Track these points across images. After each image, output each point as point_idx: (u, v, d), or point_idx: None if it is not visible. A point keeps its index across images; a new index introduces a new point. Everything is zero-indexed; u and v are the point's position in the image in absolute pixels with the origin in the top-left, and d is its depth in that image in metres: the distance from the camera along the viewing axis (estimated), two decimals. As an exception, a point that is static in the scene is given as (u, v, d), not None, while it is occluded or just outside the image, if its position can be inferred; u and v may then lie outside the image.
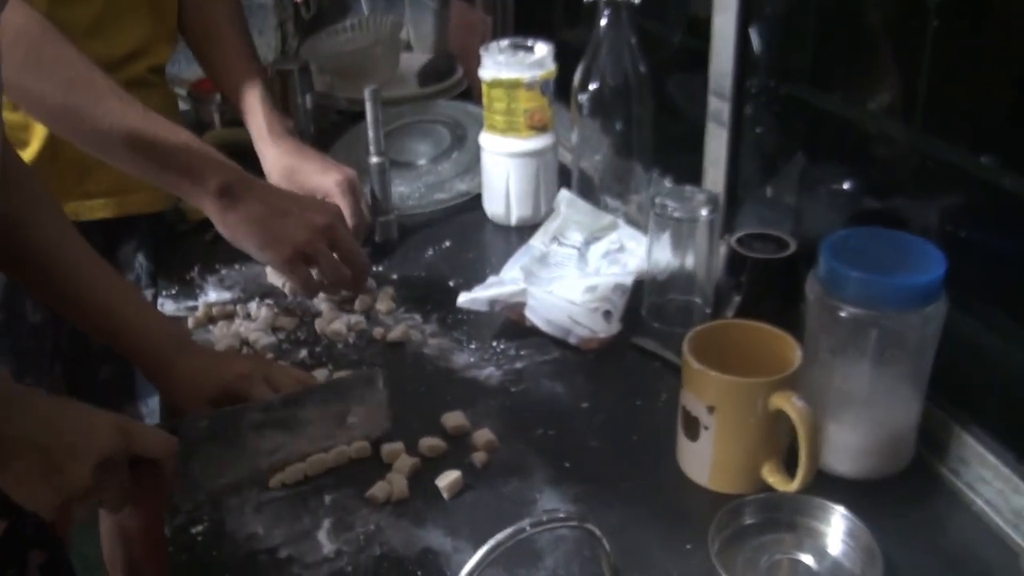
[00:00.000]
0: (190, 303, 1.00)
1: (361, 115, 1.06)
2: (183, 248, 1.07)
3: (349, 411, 0.72)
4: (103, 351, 1.06)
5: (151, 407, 1.11)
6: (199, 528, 0.70)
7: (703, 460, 0.72)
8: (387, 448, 0.76)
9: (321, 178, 0.99)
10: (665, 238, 0.89)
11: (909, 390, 0.71)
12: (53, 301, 0.76)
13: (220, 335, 0.93)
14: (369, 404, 0.72)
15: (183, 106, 1.41)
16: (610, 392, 0.83)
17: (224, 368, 0.75)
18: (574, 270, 0.98)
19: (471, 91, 1.40)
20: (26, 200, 0.72)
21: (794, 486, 0.68)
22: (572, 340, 0.88)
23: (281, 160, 1.00)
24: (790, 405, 0.67)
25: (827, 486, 0.70)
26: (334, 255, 0.90)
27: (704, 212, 0.88)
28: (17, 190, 0.71)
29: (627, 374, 0.86)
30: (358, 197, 1.02)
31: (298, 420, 0.70)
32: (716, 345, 0.72)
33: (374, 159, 1.07)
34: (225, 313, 0.97)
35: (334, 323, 0.95)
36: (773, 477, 0.70)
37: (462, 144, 1.24)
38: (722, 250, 0.90)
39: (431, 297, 0.99)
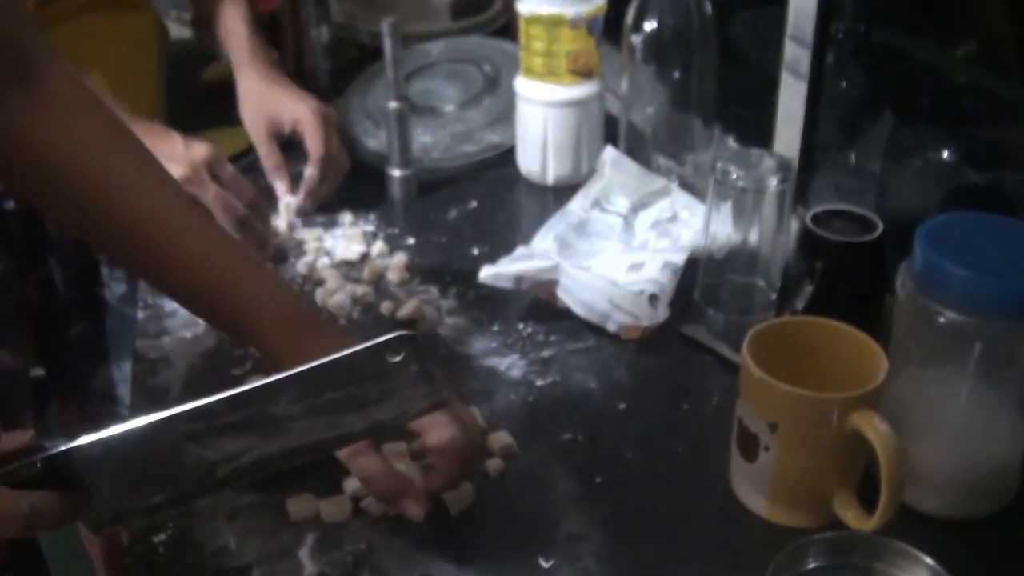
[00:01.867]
0: None
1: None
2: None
3: (358, 392, 0.57)
4: (74, 305, 1.02)
5: (125, 372, 1.08)
6: (162, 536, 0.67)
7: (761, 486, 0.67)
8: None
9: (294, 105, 1.01)
10: (726, 209, 0.85)
11: (1015, 417, 0.64)
12: (145, 273, 0.66)
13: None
14: (393, 379, 0.56)
15: (185, 34, 1.35)
16: (652, 392, 0.80)
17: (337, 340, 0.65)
18: (617, 243, 0.94)
19: (510, 27, 1.35)
20: (97, 136, 0.61)
21: (871, 524, 0.62)
22: (611, 327, 0.84)
23: (256, 86, 1.02)
24: (872, 427, 0.61)
25: (910, 526, 0.64)
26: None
27: (773, 180, 0.83)
28: (82, 120, 0.60)
29: (673, 371, 0.82)
30: (332, 129, 1.02)
31: (274, 417, 0.56)
32: (782, 346, 0.67)
33: (392, 104, 1.03)
34: None
35: (337, 294, 0.91)
36: (846, 512, 0.65)
37: (495, 89, 1.19)
38: (793, 227, 0.85)
39: (450, 268, 0.96)
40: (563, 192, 1.05)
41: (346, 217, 1.03)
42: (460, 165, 1.12)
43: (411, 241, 1.00)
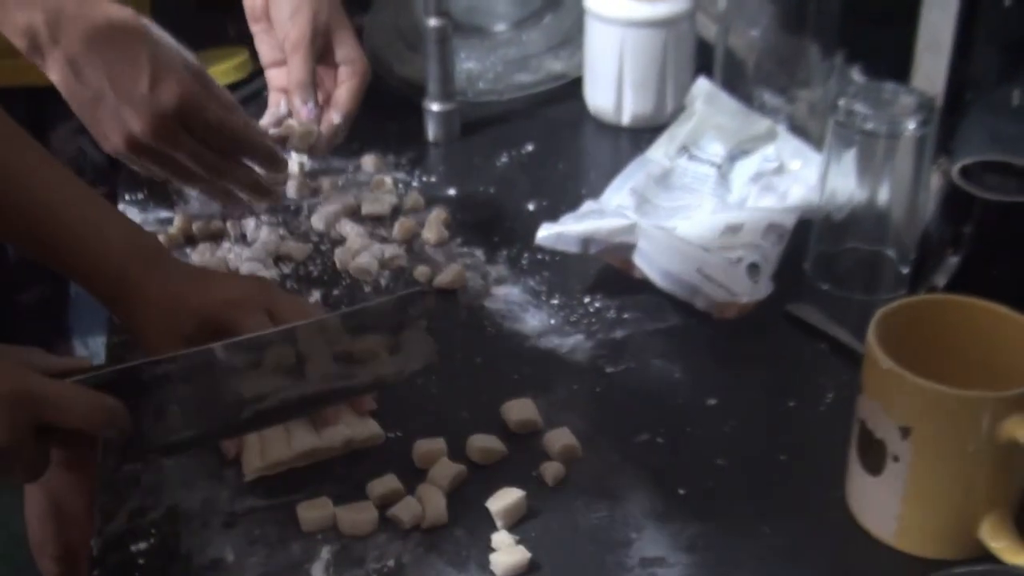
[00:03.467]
0: (162, 214, 0.98)
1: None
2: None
3: (373, 345, 0.71)
4: (27, 267, 1.03)
5: (92, 348, 1.11)
6: (142, 545, 0.68)
7: (888, 505, 0.66)
8: (421, 447, 0.73)
9: (350, 36, 0.95)
10: (848, 158, 0.84)
11: None
12: None
13: (200, 263, 0.92)
14: (405, 334, 0.72)
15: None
16: (750, 385, 0.80)
17: (209, 291, 0.73)
18: (709, 198, 0.94)
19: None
20: None
21: (1028, 558, 0.61)
22: (700, 304, 0.84)
23: None
24: (1033, 436, 0.60)
25: (1079, 561, 0.64)
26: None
27: (911, 123, 0.83)
28: None
29: (777, 360, 0.82)
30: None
31: (299, 359, 0.69)
32: (919, 331, 0.67)
33: (432, 21, 1.03)
34: (210, 232, 0.96)
35: (361, 256, 0.91)
36: (996, 541, 0.64)
37: (558, 5, 1.18)
38: (935, 182, 0.84)
39: (500, 226, 0.96)
40: (642, 135, 1.05)
41: (371, 161, 1.04)
42: (513, 99, 1.12)
43: (452, 192, 1.00)
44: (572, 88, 1.12)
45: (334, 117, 0.93)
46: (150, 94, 0.79)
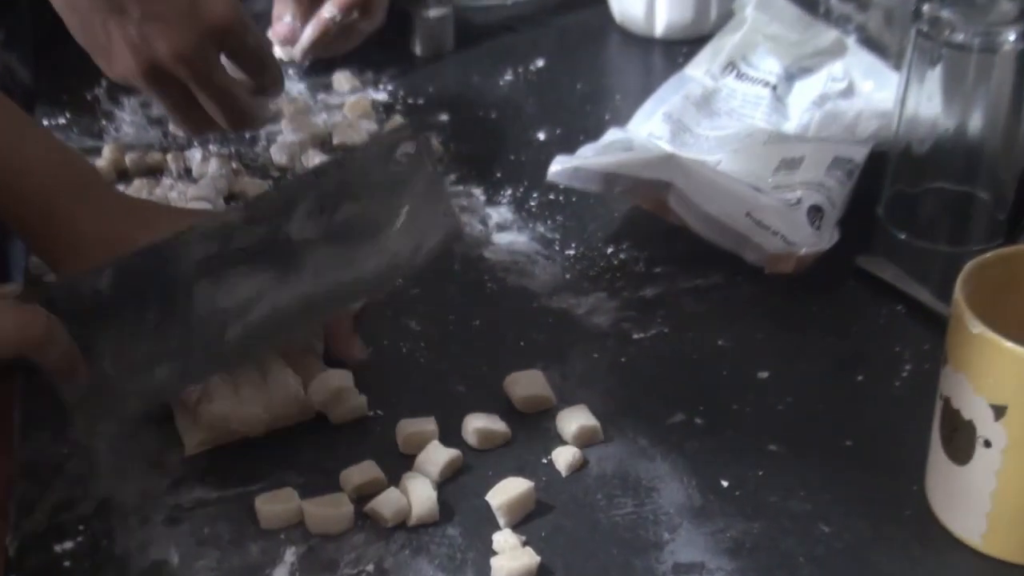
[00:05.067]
0: (87, 142, 0.99)
1: None
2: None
3: (375, 210, 0.73)
4: None
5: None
6: (67, 544, 0.68)
7: (977, 501, 0.66)
8: (407, 428, 0.73)
9: None
10: (933, 78, 0.85)
11: None
12: None
13: None
14: (411, 193, 0.73)
15: None
16: (810, 355, 0.80)
17: (155, 229, 0.72)
18: (762, 126, 0.94)
19: None
20: None
21: None
22: (749, 256, 0.84)
23: None
24: None
25: None
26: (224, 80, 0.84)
27: (1011, 35, 0.82)
28: None
29: (843, 323, 0.83)
30: None
31: (289, 242, 0.70)
32: (1017, 289, 0.68)
33: None
34: (148, 165, 0.96)
35: None
36: None
37: None
38: None
39: (504, 160, 0.96)
40: (679, 49, 1.05)
41: (345, 79, 1.03)
42: (520, 2, 1.13)
43: (444, 118, 1.00)
44: (592, -8, 1.12)
45: (327, 10, 0.96)
46: (191, 7, 0.79)
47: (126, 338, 0.66)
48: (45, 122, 1.00)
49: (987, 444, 0.64)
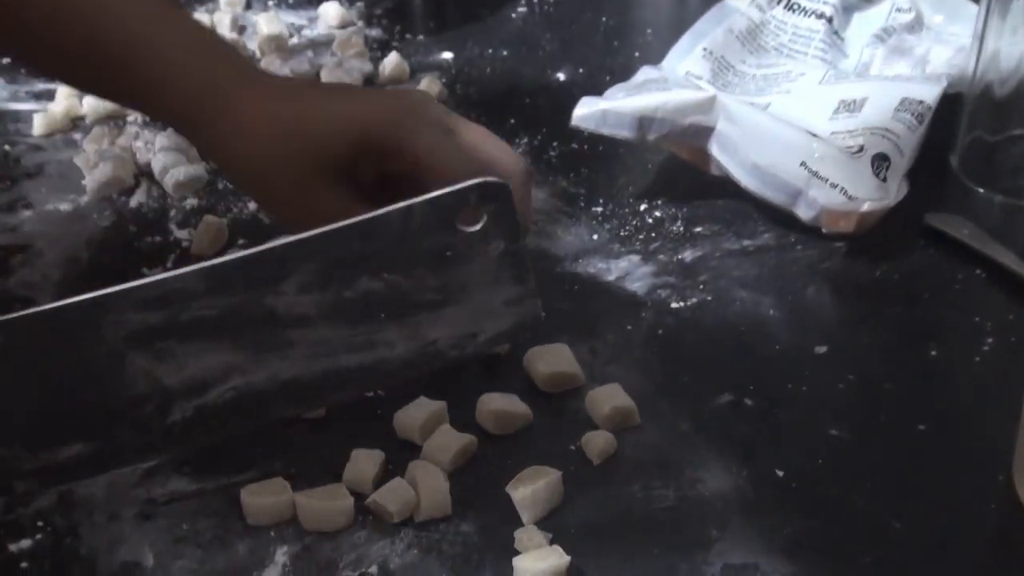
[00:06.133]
0: (39, 85, 1.00)
1: None
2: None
3: (408, 289, 0.66)
4: None
5: None
6: (25, 543, 0.68)
7: None
8: (414, 411, 0.73)
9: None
10: (1018, 9, 0.85)
11: None
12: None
13: (93, 156, 0.93)
14: (471, 271, 0.66)
15: None
16: (876, 326, 0.80)
17: (326, 108, 0.74)
18: (817, 64, 0.94)
19: None
20: None
21: None
22: (803, 213, 0.85)
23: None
24: None
25: None
26: None
27: None
28: None
29: (913, 291, 0.83)
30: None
31: (272, 317, 0.64)
32: None
33: None
34: (109, 110, 0.97)
35: None
36: None
37: None
38: None
39: (518, 104, 0.97)
40: (717, -25, 1.05)
41: (334, 12, 1.03)
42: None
43: (447, 56, 1.01)
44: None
45: None
46: None
47: (19, 408, 0.62)
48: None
49: (1086, 427, 0.65)
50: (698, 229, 0.86)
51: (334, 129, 0.73)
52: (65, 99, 0.96)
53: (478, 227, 0.64)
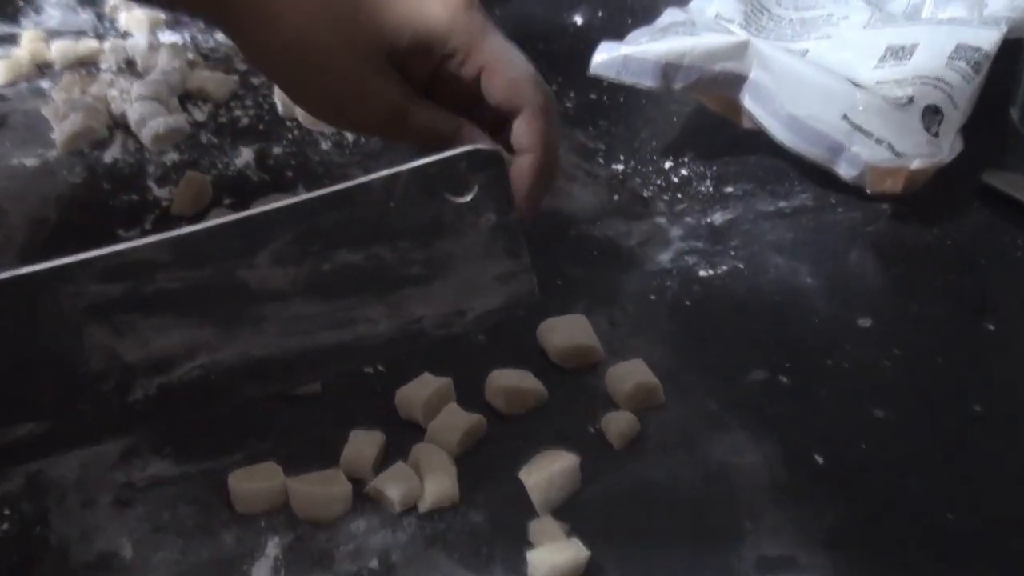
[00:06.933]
0: (1, 29, 1.01)
1: None
2: None
3: (390, 262, 0.65)
4: None
5: None
6: None
7: None
8: (416, 389, 0.73)
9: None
10: None
11: None
12: None
13: (62, 106, 0.93)
14: (459, 243, 0.66)
15: None
16: (925, 296, 0.81)
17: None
18: (859, 5, 0.94)
19: None
20: None
21: None
22: (844, 171, 0.85)
23: None
24: None
25: None
26: None
27: None
28: None
29: (968, 257, 0.83)
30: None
31: (244, 290, 0.64)
32: None
33: None
34: (80, 55, 0.97)
35: None
36: None
37: None
38: None
39: (531, 48, 0.93)
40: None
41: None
42: None
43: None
44: None
45: None
46: None
47: None
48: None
49: None
50: (729, 189, 0.86)
51: (396, 18, 0.73)
52: (30, 43, 0.96)
53: (468, 198, 0.64)
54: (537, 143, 0.74)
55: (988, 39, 0.88)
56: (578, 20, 0.99)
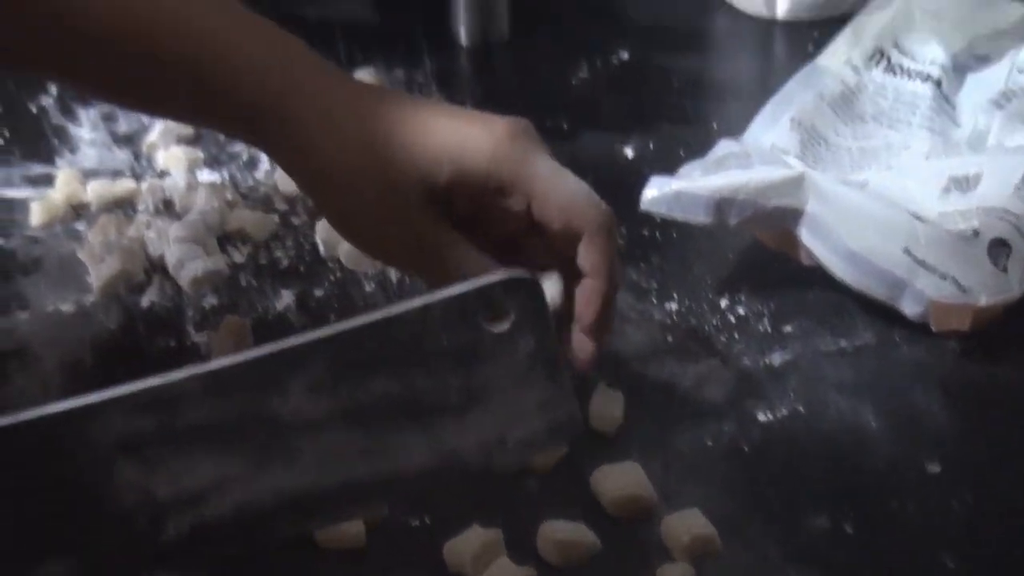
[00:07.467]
0: (37, 168, 1.00)
1: None
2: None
3: (427, 389, 0.66)
4: None
5: None
6: None
7: None
8: (463, 543, 0.73)
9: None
10: None
11: None
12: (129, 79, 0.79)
13: (97, 245, 0.93)
14: (498, 370, 0.67)
15: None
16: (996, 439, 0.80)
17: (457, 131, 0.75)
18: (923, 134, 0.94)
19: None
20: None
21: None
22: (908, 308, 0.85)
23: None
24: None
25: None
26: None
27: None
28: None
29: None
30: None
31: (275, 422, 0.65)
32: None
33: None
34: (117, 196, 0.98)
35: None
36: None
37: None
38: None
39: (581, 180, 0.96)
40: (807, 32, 1.06)
41: (370, 79, 1.05)
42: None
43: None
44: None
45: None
46: None
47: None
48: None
49: None
50: (787, 328, 0.86)
51: (433, 153, 0.73)
52: (66, 185, 0.97)
53: (506, 326, 0.64)
54: (602, 263, 0.74)
55: (1057, 172, 0.87)
56: (628, 152, 0.99)
